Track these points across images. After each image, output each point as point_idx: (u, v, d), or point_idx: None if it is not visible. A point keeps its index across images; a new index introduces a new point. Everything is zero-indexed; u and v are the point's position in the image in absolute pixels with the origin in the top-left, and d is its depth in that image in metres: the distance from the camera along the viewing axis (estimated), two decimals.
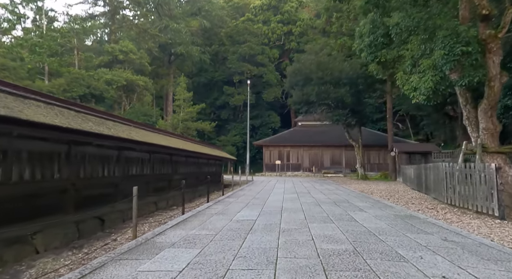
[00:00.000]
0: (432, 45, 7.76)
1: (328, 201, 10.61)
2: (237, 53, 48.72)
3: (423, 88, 7.77)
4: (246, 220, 7.02)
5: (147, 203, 10.64)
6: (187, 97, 30.75)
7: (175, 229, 6.09)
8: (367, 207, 9.21)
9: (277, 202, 10.30)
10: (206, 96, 51.26)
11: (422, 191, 13.40)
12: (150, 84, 33.72)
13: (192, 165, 16.45)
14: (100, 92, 27.67)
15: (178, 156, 13.85)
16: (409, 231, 5.81)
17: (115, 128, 8.00)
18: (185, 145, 14.80)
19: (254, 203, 10.10)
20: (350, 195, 13.04)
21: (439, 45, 7.37)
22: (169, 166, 13.21)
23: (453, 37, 7.19)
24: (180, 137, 17.27)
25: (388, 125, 26.40)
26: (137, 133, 9.44)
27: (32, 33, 29.78)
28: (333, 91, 22.66)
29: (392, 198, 12.14)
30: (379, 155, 37.59)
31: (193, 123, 31.17)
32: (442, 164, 9.44)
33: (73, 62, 30.79)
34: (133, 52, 32.31)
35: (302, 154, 38.52)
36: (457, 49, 7.11)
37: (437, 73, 7.59)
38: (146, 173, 10.97)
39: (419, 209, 9.02)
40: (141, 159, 10.59)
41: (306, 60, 24.45)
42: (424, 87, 7.72)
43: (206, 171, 19.34)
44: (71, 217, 6.76)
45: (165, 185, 12.55)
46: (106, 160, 8.44)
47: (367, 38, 11.87)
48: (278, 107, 53.11)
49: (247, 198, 11.83)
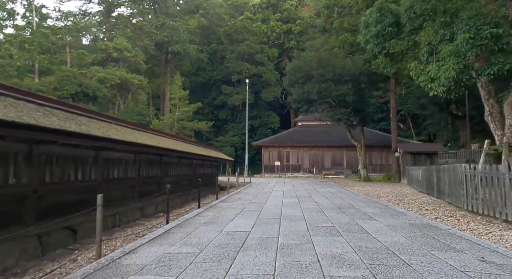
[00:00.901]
0: (454, 28, 6.76)
1: (332, 207, 9.57)
2: (235, 52, 47.70)
3: (443, 78, 6.75)
4: (238, 231, 5.99)
5: (131, 209, 9.62)
6: (182, 96, 29.70)
7: (151, 245, 5.05)
8: (376, 214, 8.18)
9: (276, 208, 9.26)
10: (204, 96, 50.27)
11: (433, 195, 12.37)
12: (145, 83, 32.68)
13: (185, 166, 15.43)
14: (93, 90, 26.64)
15: (168, 157, 12.84)
16: (434, 248, 4.78)
17: (89, 124, 6.97)
18: (177, 145, 13.77)
19: (250, 209, 9.07)
20: (355, 199, 12.00)
21: (463, 28, 6.36)
22: (159, 167, 12.19)
23: (479, 18, 6.18)
24: (173, 137, 16.25)
25: (391, 125, 25.38)
26: (119, 131, 8.41)
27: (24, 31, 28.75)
28: (334, 89, 21.64)
29: (401, 203, 11.10)
30: (381, 155, 36.60)
31: (189, 122, 30.11)
32: (461, 165, 8.42)
33: (65, 60, 29.77)
34: (128, 49, 31.26)
35: (302, 155, 37.47)
36: (485, 31, 6.10)
37: (460, 61, 6.58)
38: (131, 176, 9.95)
39: (436, 216, 7.99)
40: (125, 160, 9.57)
41: (306, 57, 23.43)
42: (445, 77, 6.69)
43: (201, 173, 18.31)
44: (31, 229, 5.72)
45: (154, 189, 11.53)
46: (80, 161, 7.41)
47: (374, 28, 10.86)
48: (278, 107, 52.09)
49: (243, 202, 10.79)
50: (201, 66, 50.30)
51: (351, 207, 9.62)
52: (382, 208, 9.39)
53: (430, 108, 32.63)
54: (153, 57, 42.68)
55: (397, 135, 24.96)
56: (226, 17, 50.34)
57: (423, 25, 8.09)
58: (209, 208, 9.42)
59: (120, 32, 35.99)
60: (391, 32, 10.54)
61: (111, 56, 30.74)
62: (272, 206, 9.80)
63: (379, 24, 10.77)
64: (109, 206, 8.21)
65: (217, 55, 52.31)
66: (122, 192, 9.24)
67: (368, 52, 22.56)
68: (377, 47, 10.97)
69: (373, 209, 9.04)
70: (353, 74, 21.81)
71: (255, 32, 49.78)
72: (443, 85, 6.85)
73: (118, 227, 8.54)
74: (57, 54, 28.79)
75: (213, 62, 51.73)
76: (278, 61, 53.15)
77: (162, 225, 7.23)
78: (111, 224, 8.40)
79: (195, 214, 8.30)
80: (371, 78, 23.78)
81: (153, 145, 9.86)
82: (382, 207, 9.51)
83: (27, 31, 26.50)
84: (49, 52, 28.76)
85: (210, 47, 51.49)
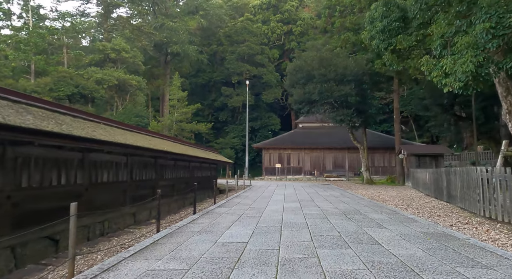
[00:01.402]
0: (472, 18, 6.18)
1: (336, 212, 8.96)
2: (235, 53, 47.20)
3: (460, 72, 6.16)
4: (234, 242, 5.39)
5: (122, 215, 9.01)
6: (181, 97, 29.13)
7: (135, 259, 4.46)
8: (385, 221, 7.57)
9: (276, 214, 8.66)
10: (204, 98, 49.75)
11: (443, 199, 11.75)
12: (144, 84, 32.14)
13: (182, 169, 14.84)
14: (90, 92, 26.12)
15: (164, 159, 12.24)
16: (458, 263, 4.17)
17: (72, 124, 6.39)
18: (173, 147, 13.18)
19: (249, 215, 8.47)
20: (360, 203, 11.39)
21: (482, 17, 5.80)
22: (153, 170, 11.60)
23: (501, 5, 5.62)
24: (170, 139, 15.66)
25: (395, 126, 24.76)
26: (107, 131, 7.83)
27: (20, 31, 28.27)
28: (337, 89, 21.06)
29: (410, 208, 10.49)
30: (383, 158, 36.00)
31: (188, 124, 29.51)
32: (477, 168, 7.82)
33: (62, 61, 29.26)
34: (126, 50, 30.74)
35: (303, 157, 36.85)
36: (508, 20, 5.52)
37: (479, 53, 6.00)
38: (123, 180, 9.35)
39: (450, 223, 7.38)
40: (116, 163, 8.98)
41: (308, 57, 22.87)
42: (462, 71, 6.11)
43: (199, 176, 17.72)
44: (3, 241, 5.12)
45: (148, 193, 10.92)
46: (63, 164, 6.82)
47: (380, 23, 10.29)
48: (278, 109, 51.53)
49: (242, 207, 10.19)
50: (201, 68, 49.80)
51: (357, 212, 9.02)
52: (390, 214, 8.78)
53: (433, 110, 31.95)
54: (152, 58, 42.18)
55: (400, 137, 24.32)
56: (226, 18, 49.87)
57: (434, 18, 7.53)
58: (205, 214, 8.82)
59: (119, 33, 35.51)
60: (398, 27, 9.97)
61: (109, 57, 30.23)
62: (272, 211, 9.20)
63: (385, 19, 10.20)
64: (97, 213, 7.63)
65: (217, 56, 51.82)
66: (112, 197, 8.65)
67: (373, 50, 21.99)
68: (383, 43, 10.39)
69: (380, 215, 8.43)
70: (355, 74, 21.25)
71: (255, 33, 49.29)
72: (460, 80, 6.25)
73: (105, 235, 7.94)
74: (54, 55, 28.28)
75: (213, 64, 51.23)
76: (278, 63, 52.64)
77: (153, 233, 6.63)
78: (98, 232, 7.80)
79: (189, 221, 7.71)
80: (373, 78, 23.24)
81: (146, 147, 9.27)
82: (390, 213, 8.90)
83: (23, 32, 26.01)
84: (45, 53, 28.26)
85: (210, 48, 50.99)
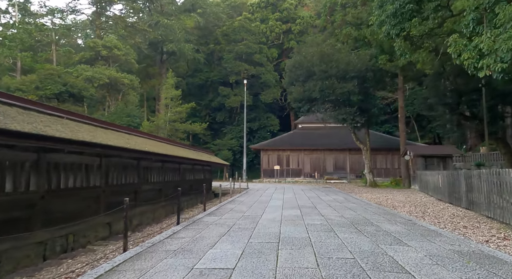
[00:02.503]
0: None
1: (343, 223, 7.69)
2: (233, 52, 45.94)
3: (504, 50, 4.90)
4: (217, 269, 4.11)
5: (93, 227, 7.73)
6: (175, 95, 27.82)
7: None
8: (403, 234, 6.30)
9: (273, 225, 7.38)
10: (201, 98, 48.52)
11: (461, 205, 10.49)
12: (137, 83, 30.84)
13: (171, 172, 13.56)
14: (79, 90, 24.82)
15: (148, 161, 10.96)
16: None
17: (16, 117, 5.12)
18: (160, 148, 11.92)
19: (241, 227, 7.19)
20: (368, 210, 10.12)
21: None
22: (135, 173, 10.31)
23: None
24: (158, 139, 14.39)
25: (399, 126, 23.52)
26: (68, 127, 6.55)
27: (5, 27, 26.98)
28: (338, 86, 19.82)
29: (426, 215, 9.21)
30: (386, 159, 34.77)
31: (182, 124, 28.20)
32: (509, 171, 6.56)
33: (50, 59, 27.98)
34: (118, 47, 29.45)
35: (303, 159, 35.56)
36: None
37: None
38: (95, 185, 8.07)
39: (485, 239, 6.10)
40: (86, 165, 7.71)
41: (308, 53, 21.62)
42: (507, 48, 4.85)
43: (190, 179, 16.45)
44: None
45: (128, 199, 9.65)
46: (10, 168, 5.54)
47: (391, 6, 9.04)
48: (277, 110, 50.29)
49: (234, 216, 8.91)
50: (198, 67, 48.59)
51: (367, 222, 7.74)
52: (406, 224, 7.51)
53: (438, 109, 30.82)
54: (147, 57, 40.94)
55: (405, 137, 23.07)
56: (224, 16, 48.69)
57: None
58: (190, 225, 7.54)
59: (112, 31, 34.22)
60: (411, 9, 8.75)
61: (100, 55, 28.94)
62: (268, 221, 7.91)
63: (397, 1, 8.97)
64: (57, 225, 6.34)
65: (215, 55, 50.57)
66: (80, 205, 7.36)
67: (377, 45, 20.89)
68: (395, 28, 9.16)
69: (396, 226, 7.16)
70: (358, 70, 20.01)
71: (253, 31, 48.09)
72: (503, 60, 5.00)
73: (69, 252, 6.66)
74: (42, 52, 27.01)
75: (210, 63, 50.01)
76: (277, 62, 51.39)
77: (119, 253, 5.35)
78: (60, 249, 6.51)
79: (169, 234, 6.42)
80: (377, 75, 22.00)
81: (122, 147, 7.98)
82: (406, 223, 7.63)
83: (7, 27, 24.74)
84: (33, 50, 26.99)
85: (207, 47, 49.77)
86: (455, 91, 28.73)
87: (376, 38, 19.47)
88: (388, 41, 19.31)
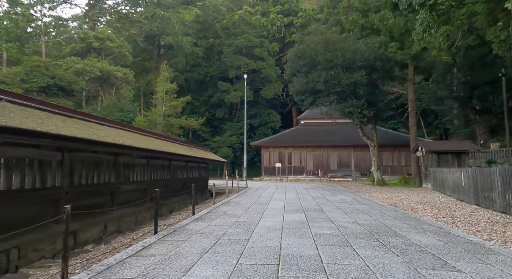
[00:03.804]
0: None
1: (360, 232, 6.18)
2: (233, 45, 44.33)
3: None
4: None
5: (50, 237, 6.27)
6: (170, 89, 26.28)
7: None
8: (443, 250, 4.79)
9: (272, 235, 5.88)
10: (200, 94, 47.04)
11: (494, 208, 8.98)
12: (131, 76, 29.32)
13: (159, 169, 12.09)
14: (68, 83, 23.35)
15: (128, 157, 9.47)
16: None
17: None
18: (143, 142, 10.43)
19: (232, 238, 5.71)
20: (385, 214, 8.61)
21: None
22: (112, 171, 8.84)
23: None
24: (144, 132, 12.90)
25: (410, 120, 21.90)
26: (6, 110, 5.07)
27: None
28: (345, 77, 18.26)
29: (457, 221, 7.69)
30: (392, 156, 33.21)
31: (177, 119, 26.67)
32: None
33: (39, 50, 26.53)
34: (111, 39, 27.96)
35: (306, 156, 34.03)
36: None
37: None
38: (54, 185, 6.60)
39: None
40: (40, 161, 6.23)
41: (311, 41, 20.04)
42: None
43: (183, 177, 14.96)
44: None
45: (103, 201, 8.22)
46: None
47: None
48: (279, 106, 48.75)
49: (226, 222, 7.43)
50: (196, 62, 47.08)
51: (389, 231, 6.23)
52: (439, 233, 6.00)
53: (448, 103, 29.22)
54: (144, 51, 39.42)
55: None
56: (224, 9, 47.07)
57: None
58: (168, 236, 6.05)
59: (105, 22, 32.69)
60: None
61: (92, 47, 27.48)
62: (267, 230, 6.41)
63: None
64: None
65: (214, 50, 49.01)
66: (29, 211, 5.90)
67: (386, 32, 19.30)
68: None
69: (427, 237, 5.65)
70: (366, 59, 18.45)
71: (254, 25, 46.51)
72: None
73: (11, 272, 5.19)
74: (30, 44, 25.56)
75: (209, 58, 48.48)
76: (279, 57, 49.76)
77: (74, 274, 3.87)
78: None
79: (136, 250, 4.94)
80: (386, 65, 20.39)
81: (85, 139, 6.47)
82: (438, 232, 6.12)
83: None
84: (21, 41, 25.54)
85: (206, 41, 48.20)
86: (467, 84, 27.15)
87: (386, 24, 17.89)
88: (399, 26, 17.80)
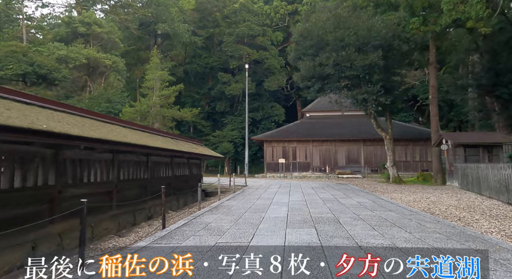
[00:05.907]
0: None
1: (408, 267, 3.76)
2: (234, 34, 41.75)
3: None
4: None
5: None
6: (160, 76, 23.89)
7: None
8: None
9: (269, 264, 3.50)
10: (200, 87, 44.73)
11: None
12: (122, 65, 27.00)
13: (132, 167, 9.75)
14: (48, 71, 21.09)
15: (76, 150, 7.11)
16: None
17: None
18: (109, 134, 8.06)
19: (211, 268, 3.34)
20: (428, 228, 6.20)
21: None
22: (53, 170, 6.50)
23: None
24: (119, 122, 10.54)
25: (431, 109, 19.28)
26: None
27: None
28: (358, 58, 15.75)
29: None
30: (406, 151, 30.65)
31: (169, 110, 24.32)
32: None
33: (20, 36, 24.27)
34: (98, 23, 25.64)
35: (312, 151, 31.57)
36: None
37: None
38: None
39: None
40: None
41: (319, 19, 17.50)
42: None
43: (167, 175, 12.61)
44: None
45: (39, 210, 5.92)
46: None
47: None
48: (283, 99, 46.29)
49: (203, 241, 5.06)
50: (196, 53, 44.74)
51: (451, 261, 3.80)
52: None
53: (470, 92, 26.50)
54: (138, 40, 37.03)
55: (438, 123, 18.94)
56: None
57: None
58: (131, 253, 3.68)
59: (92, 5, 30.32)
60: None
61: (78, 32, 25.18)
62: (258, 264, 4.01)
63: None
64: None
65: (214, 40, 46.53)
66: None
67: (406, 6, 16.74)
68: None
69: None
70: (383, 37, 15.90)
71: (256, 12, 43.97)
72: None
73: None
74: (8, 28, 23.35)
75: (209, 48, 46.06)
76: (282, 47, 47.14)
77: None
78: None
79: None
80: (403, 48, 17.76)
81: (18, 127, 4.12)
82: None
83: None
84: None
85: (206, 31, 45.72)
86: (491, 70, 24.45)
87: None
88: None
